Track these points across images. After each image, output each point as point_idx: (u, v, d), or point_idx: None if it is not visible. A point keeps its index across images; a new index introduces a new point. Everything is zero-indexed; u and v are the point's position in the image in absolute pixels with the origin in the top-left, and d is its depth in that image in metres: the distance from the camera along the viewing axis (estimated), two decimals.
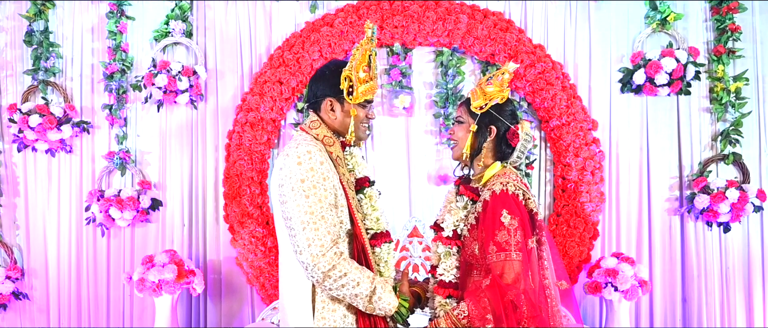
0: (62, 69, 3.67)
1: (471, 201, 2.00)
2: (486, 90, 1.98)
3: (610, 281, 3.30)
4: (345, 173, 1.94)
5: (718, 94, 3.61)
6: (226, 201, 3.56)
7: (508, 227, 1.83)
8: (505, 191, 1.88)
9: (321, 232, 1.77)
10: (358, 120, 1.96)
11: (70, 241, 3.68)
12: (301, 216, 1.78)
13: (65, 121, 3.56)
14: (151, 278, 3.29)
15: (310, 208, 1.77)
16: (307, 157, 1.81)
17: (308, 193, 1.78)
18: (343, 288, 1.80)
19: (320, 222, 1.78)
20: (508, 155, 2.01)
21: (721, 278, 3.67)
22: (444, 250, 2.01)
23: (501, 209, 1.85)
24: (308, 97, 2.02)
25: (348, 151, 2.02)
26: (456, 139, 2.07)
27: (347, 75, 1.91)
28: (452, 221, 2.00)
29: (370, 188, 2.00)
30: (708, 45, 3.68)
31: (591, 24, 3.68)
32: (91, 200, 3.60)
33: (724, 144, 3.62)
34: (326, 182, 1.81)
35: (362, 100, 1.93)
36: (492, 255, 1.84)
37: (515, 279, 1.81)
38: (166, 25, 3.63)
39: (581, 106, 3.57)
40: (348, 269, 1.80)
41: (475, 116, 1.99)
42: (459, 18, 3.52)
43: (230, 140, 3.58)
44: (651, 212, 3.67)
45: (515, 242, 1.83)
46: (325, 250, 1.77)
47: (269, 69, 3.55)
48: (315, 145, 1.85)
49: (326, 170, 1.82)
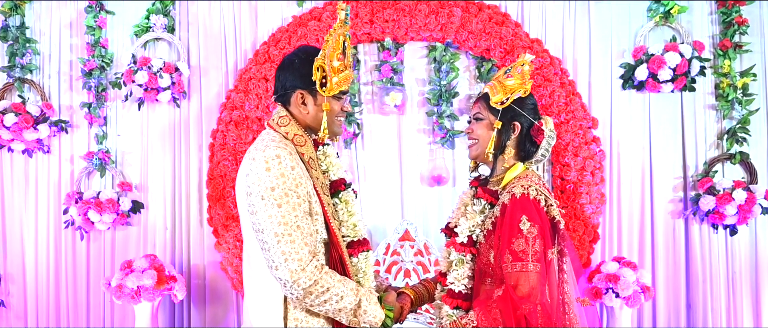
0: (39, 66, 3.57)
1: (489, 205, 1.88)
2: (506, 83, 1.87)
3: (611, 286, 3.22)
4: (319, 176, 1.79)
5: (724, 90, 3.53)
6: (210, 203, 3.47)
7: (527, 235, 1.72)
8: (526, 195, 1.77)
9: (297, 244, 1.62)
10: (332, 114, 1.80)
11: (48, 245, 3.59)
12: (275, 228, 1.62)
13: (42, 120, 3.46)
14: (129, 284, 3.19)
15: (283, 218, 1.62)
16: (276, 163, 1.64)
17: (280, 202, 1.63)
18: (325, 304, 1.66)
19: (296, 233, 1.63)
20: (532, 154, 1.90)
21: (727, 283, 3.59)
22: (457, 257, 1.89)
23: (520, 215, 1.74)
24: (276, 89, 1.85)
25: (321, 150, 1.86)
26: (476, 138, 1.93)
27: (320, 65, 1.73)
28: (468, 226, 1.88)
29: (346, 192, 1.84)
30: (713, 39, 3.60)
31: (591, 17, 3.60)
32: (69, 203, 3.50)
33: (731, 143, 3.54)
34: (299, 189, 1.66)
35: (337, 91, 1.77)
36: (507, 264, 1.74)
37: (530, 292, 1.71)
38: (147, 20, 3.53)
39: (581, 104, 3.49)
40: (331, 283, 1.66)
41: (496, 112, 1.87)
42: (452, 11, 3.43)
43: (214, 140, 3.50)
44: (654, 214, 3.59)
45: (533, 252, 1.72)
46: (303, 264, 1.62)
47: (254, 65, 3.47)
48: (284, 146, 1.69)
49: (298, 176, 1.67)
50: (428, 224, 3.56)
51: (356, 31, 3.43)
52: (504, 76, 1.90)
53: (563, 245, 1.84)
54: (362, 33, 3.45)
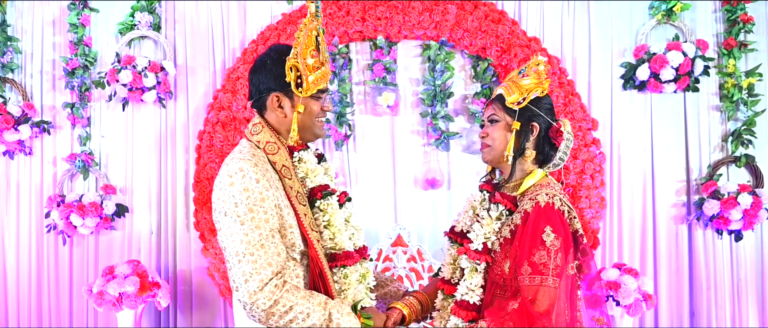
0: (21, 65, 3.53)
1: (508, 211, 1.77)
2: (521, 83, 1.80)
3: (611, 294, 3.14)
4: (294, 185, 1.69)
5: (728, 90, 3.46)
6: (197, 207, 3.40)
7: (550, 248, 1.64)
8: (550, 205, 1.68)
9: (259, 264, 1.54)
10: (312, 115, 1.71)
11: (30, 250, 3.53)
12: (236, 246, 1.55)
13: (24, 121, 3.41)
14: (110, 291, 3.10)
15: (245, 236, 1.54)
16: (239, 177, 1.56)
17: (244, 219, 1.55)
18: (291, 324, 1.58)
19: (258, 252, 1.55)
20: (550, 157, 1.83)
21: (732, 290, 3.51)
22: (470, 265, 1.78)
23: (544, 225, 1.65)
24: (250, 93, 1.75)
25: (297, 156, 1.75)
26: (491, 141, 1.84)
27: (293, 64, 1.64)
28: (483, 232, 1.77)
29: (324, 200, 1.72)
30: (718, 37, 3.53)
31: (590, 15, 3.51)
32: (51, 206, 3.43)
33: (736, 145, 3.47)
34: (266, 203, 1.57)
35: (314, 90, 1.68)
36: (525, 277, 1.65)
37: (548, 309, 1.62)
38: (132, 18, 3.47)
39: (580, 104, 3.41)
40: (293, 301, 1.57)
41: (513, 113, 1.79)
42: (447, 9, 3.35)
43: (201, 141, 3.43)
44: (656, 219, 3.52)
45: (554, 266, 1.63)
46: (262, 284, 1.54)
47: (243, 64, 3.40)
48: (250, 158, 1.61)
49: (264, 189, 1.57)
50: (422, 229, 3.47)
51: (348, 30, 3.36)
52: (518, 76, 1.84)
53: (583, 261, 1.76)
54: (354, 31, 3.37)
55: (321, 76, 1.68)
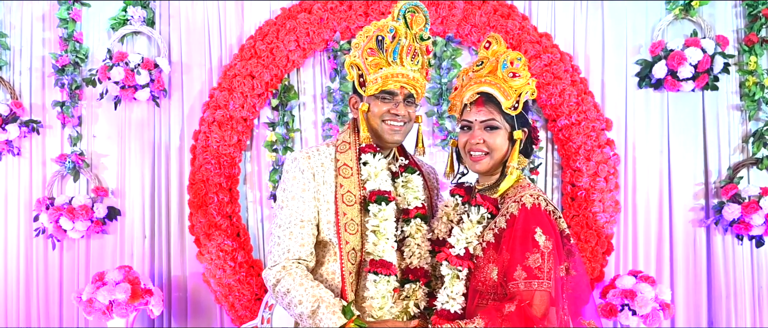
0: (9, 62, 3.48)
1: (490, 215, 1.74)
2: (513, 85, 1.75)
3: (627, 303, 3.08)
4: (345, 184, 1.76)
5: (749, 89, 3.41)
6: (192, 210, 3.33)
7: (543, 250, 1.62)
8: (537, 206, 1.67)
9: (282, 247, 1.73)
10: (375, 115, 1.76)
11: (18, 254, 3.47)
12: (274, 229, 1.77)
13: (12, 120, 3.35)
14: (100, 298, 3.01)
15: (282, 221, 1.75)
16: (293, 165, 1.77)
17: (287, 204, 1.75)
18: (288, 306, 1.72)
19: (285, 236, 1.74)
20: (527, 157, 1.85)
21: (752, 299, 3.46)
22: (451, 272, 1.72)
23: (534, 227, 1.64)
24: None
25: (363, 158, 1.79)
26: (491, 149, 1.77)
27: (352, 62, 1.77)
28: (464, 236, 1.73)
29: (374, 204, 1.73)
30: (738, 33, 3.49)
31: (604, 10, 3.49)
32: (39, 209, 3.36)
33: (758, 146, 3.42)
34: (305, 194, 1.74)
35: (375, 90, 1.73)
36: (519, 281, 1.62)
37: (546, 313, 1.62)
38: (125, 13, 3.42)
39: (593, 103, 3.37)
40: (291, 286, 1.69)
41: (510, 119, 1.77)
42: (454, 3, 3.32)
43: (196, 142, 3.37)
44: (673, 224, 3.48)
45: (548, 269, 1.62)
46: (274, 264, 1.74)
47: (240, 61, 3.34)
48: (310, 150, 1.80)
49: (307, 180, 1.74)
50: None
51: (350, 25, 3.31)
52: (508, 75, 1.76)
53: (570, 261, 1.74)
54: (356, 26, 3.30)
55: (385, 77, 1.72)
